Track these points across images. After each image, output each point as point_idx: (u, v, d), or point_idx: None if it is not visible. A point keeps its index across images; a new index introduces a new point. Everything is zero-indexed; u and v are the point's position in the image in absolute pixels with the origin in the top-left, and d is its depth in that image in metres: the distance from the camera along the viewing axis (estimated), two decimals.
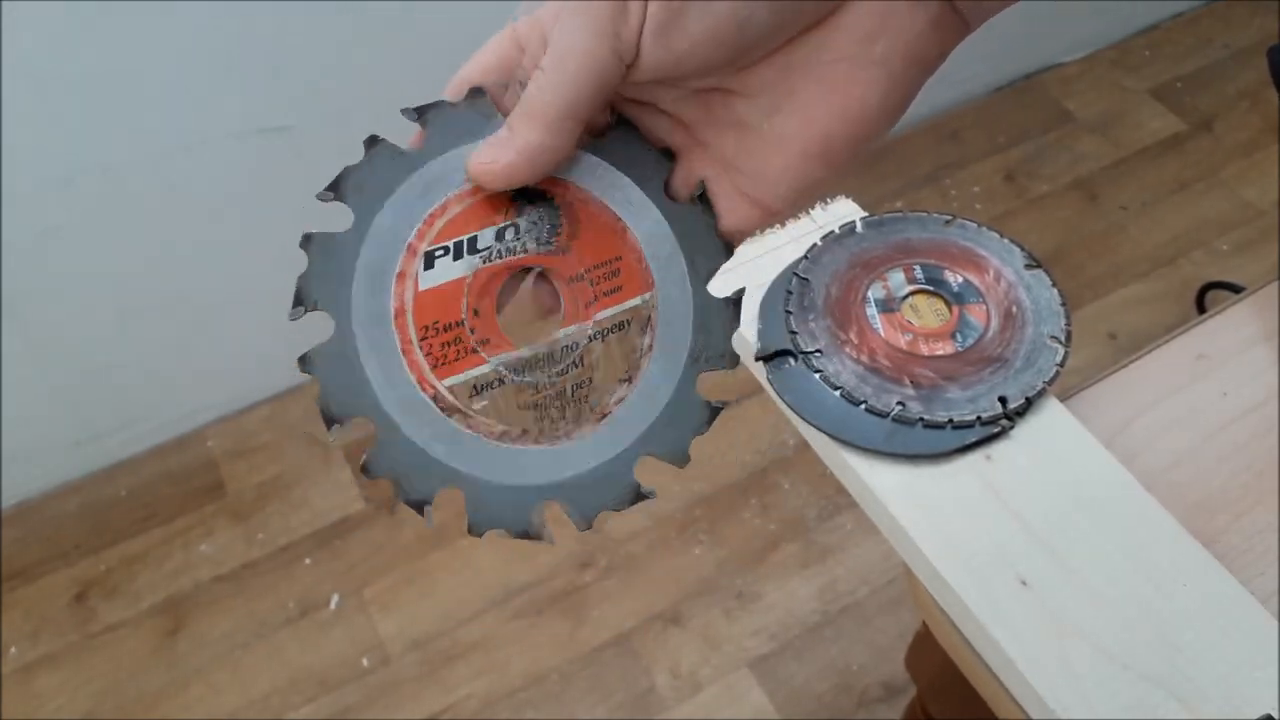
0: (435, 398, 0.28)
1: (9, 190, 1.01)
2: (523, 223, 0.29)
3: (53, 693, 1.15)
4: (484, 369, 0.29)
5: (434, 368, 0.28)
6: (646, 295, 0.30)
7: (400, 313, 0.28)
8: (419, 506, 0.28)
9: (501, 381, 0.29)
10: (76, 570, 1.24)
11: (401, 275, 0.28)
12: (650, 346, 0.30)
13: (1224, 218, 1.49)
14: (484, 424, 0.29)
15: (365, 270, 0.28)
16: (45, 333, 1.16)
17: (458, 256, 0.29)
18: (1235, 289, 1.36)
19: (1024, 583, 0.42)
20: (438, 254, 0.29)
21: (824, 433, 0.47)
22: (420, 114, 0.29)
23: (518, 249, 0.29)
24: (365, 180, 0.29)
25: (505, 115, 0.28)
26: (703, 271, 0.30)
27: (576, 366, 0.29)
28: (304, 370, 0.28)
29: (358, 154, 0.29)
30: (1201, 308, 1.38)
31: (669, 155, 0.30)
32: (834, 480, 0.49)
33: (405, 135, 0.30)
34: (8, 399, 1.17)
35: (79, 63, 0.96)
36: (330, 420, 0.28)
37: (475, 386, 0.29)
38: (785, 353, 0.49)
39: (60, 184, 1.03)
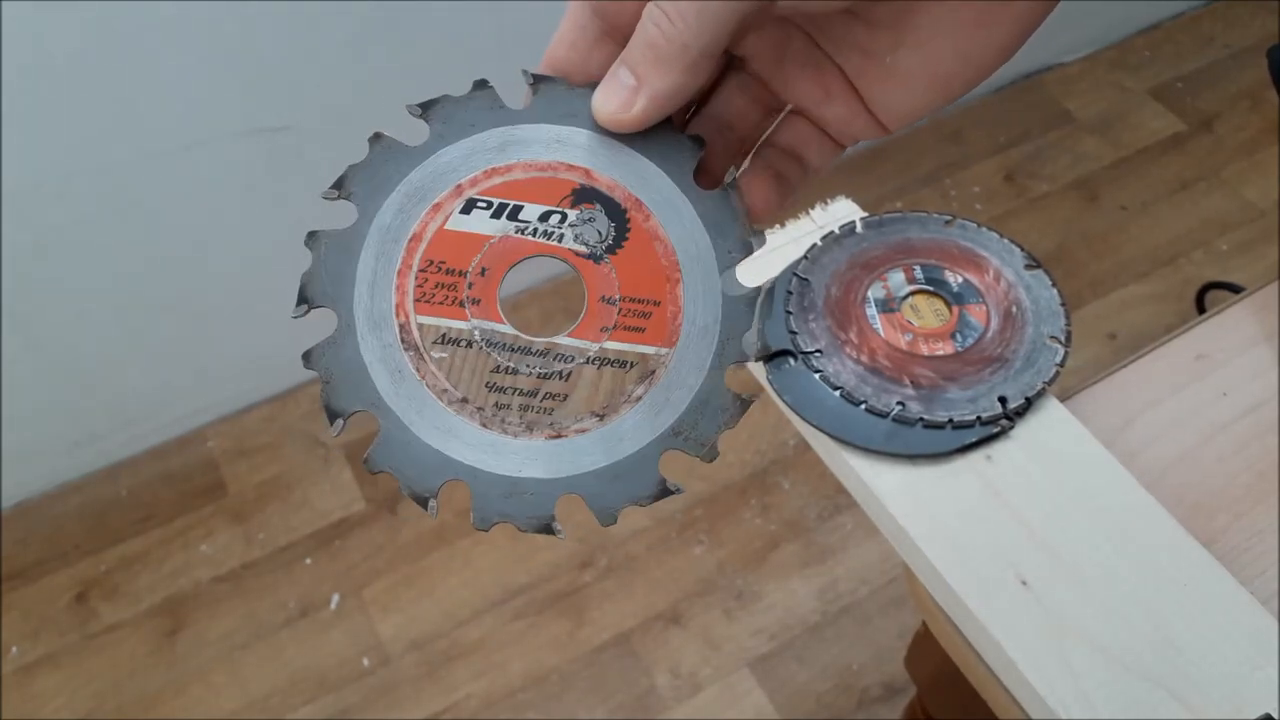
0: (403, 328, 0.28)
1: (9, 190, 1.01)
2: (572, 215, 0.29)
3: (53, 693, 1.15)
4: (461, 325, 0.28)
5: (417, 300, 0.28)
6: (664, 351, 0.29)
7: (417, 238, 0.28)
8: (335, 416, 0.28)
9: (470, 345, 0.28)
10: (76, 570, 1.24)
11: (436, 207, 0.28)
12: (639, 399, 0.29)
13: (1224, 218, 1.49)
14: (433, 375, 0.28)
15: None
16: (45, 333, 1.16)
17: (496, 215, 0.29)
18: (1235, 289, 1.36)
19: (1024, 583, 0.42)
20: (480, 204, 0.29)
21: (824, 433, 0.47)
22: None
23: (554, 236, 0.29)
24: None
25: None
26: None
27: (560, 379, 0.29)
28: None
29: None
30: (1201, 308, 1.38)
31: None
32: (834, 480, 0.49)
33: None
34: (8, 399, 1.17)
35: (79, 63, 0.96)
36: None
37: (444, 336, 0.28)
38: (785, 353, 0.49)
39: (60, 185, 1.03)
